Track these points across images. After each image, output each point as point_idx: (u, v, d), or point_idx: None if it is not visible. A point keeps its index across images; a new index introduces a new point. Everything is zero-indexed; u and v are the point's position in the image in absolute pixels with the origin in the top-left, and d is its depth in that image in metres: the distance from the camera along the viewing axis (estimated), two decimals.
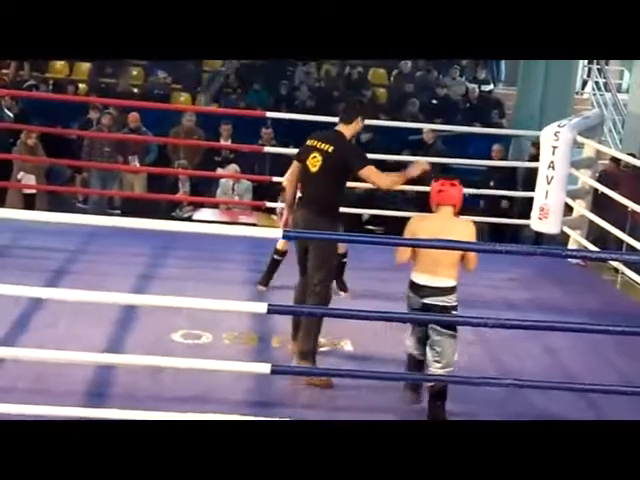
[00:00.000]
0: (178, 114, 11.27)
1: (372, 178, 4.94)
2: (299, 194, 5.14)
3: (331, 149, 4.94)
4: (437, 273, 4.45)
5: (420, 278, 4.48)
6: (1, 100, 11.11)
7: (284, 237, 3.98)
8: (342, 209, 5.16)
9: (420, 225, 4.60)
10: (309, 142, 5.05)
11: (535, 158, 8.47)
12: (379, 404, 4.56)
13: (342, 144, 5.02)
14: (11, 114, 11.15)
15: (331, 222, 4.94)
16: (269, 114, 9.49)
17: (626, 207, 7.16)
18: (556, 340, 5.43)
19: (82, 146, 10.50)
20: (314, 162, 4.96)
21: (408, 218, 4.78)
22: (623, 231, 7.15)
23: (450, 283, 4.47)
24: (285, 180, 5.33)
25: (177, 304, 4.47)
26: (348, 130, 5.08)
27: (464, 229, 4.54)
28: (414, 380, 4.70)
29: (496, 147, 10.42)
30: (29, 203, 9.93)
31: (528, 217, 7.70)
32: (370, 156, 5.20)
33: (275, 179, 7.51)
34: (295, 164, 5.14)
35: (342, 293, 6.15)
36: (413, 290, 4.53)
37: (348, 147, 5.08)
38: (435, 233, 4.35)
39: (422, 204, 9.72)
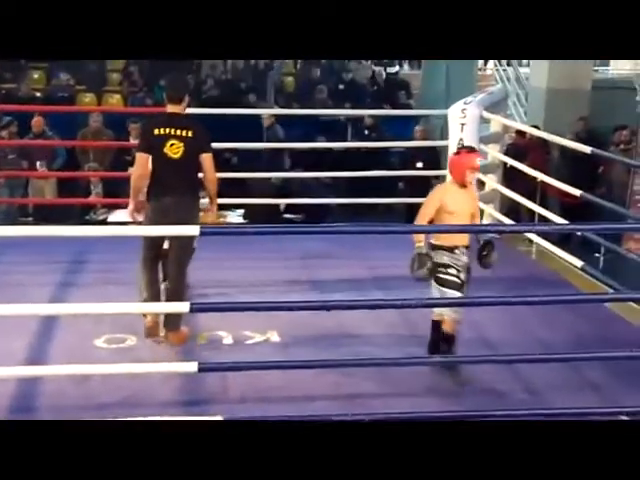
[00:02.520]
0: (85, 116, 11.07)
1: (210, 165, 5.11)
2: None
3: (190, 133, 5.07)
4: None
5: (456, 240, 4.83)
6: None
7: (201, 234, 3.92)
8: (260, 200, 5.21)
9: (447, 194, 4.92)
10: (156, 131, 5.07)
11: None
12: (310, 393, 4.59)
13: (199, 127, 5.15)
14: None
15: (197, 205, 5.19)
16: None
17: (535, 178, 7.32)
18: (477, 312, 5.50)
19: None
20: (174, 149, 5.04)
21: (327, 205, 4.84)
22: (534, 202, 7.29)
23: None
24: (135, 176, 5.19)
25: (98, 310, 4.39)
26: (183, 109, 5.21)
27: (474, 195, 5.23)
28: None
29: (418, 128, 10.29)
30: None
31: None
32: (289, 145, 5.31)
33: None
34: (144, 156, 5.10)
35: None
36: (449, 251, 4.80)
37: (204, 130, 5.18)
38: (463, 201, 4.87)
39: (338, 190, 9.90)
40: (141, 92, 13.41)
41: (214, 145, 5.27)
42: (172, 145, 5.05)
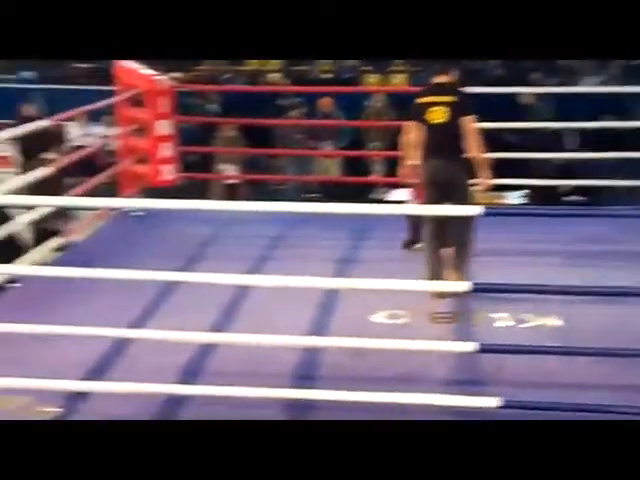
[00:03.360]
0: (369, 96, 11.32)
1: (472, 127, 5.41)
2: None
3: (453, 99, 5.44)
4: None
5: None
6: (205, 95, 11.55)
7: (486, 214, 3.85)
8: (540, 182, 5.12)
9: None
10: (422, 99, 5.51)
11: None
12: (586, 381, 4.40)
13: (461, 94, 5.54)
14: (214, 108, 11.58)
15: (465, 165, 5.49)
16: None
17: None
18: None
19: (277, 135, 10.76)
20: (438, 114, 5.43)
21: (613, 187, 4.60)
22: None
23: None
24: (401, 141, 5.77)
25: (378, 286, 4.46)
26: (449, 79, 5.60)
27: None
28: None
29: None
30: (231, 193, 10.29)
31: None
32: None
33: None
34: (409, 124, 5.58)
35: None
36: None
37: (466, 96, 5.58)
38: None
39: (627, 172, 9.38)
40: (423, 72, 13.48)
41: (494, 125, 5.31)
42: (435, 111, 5.44)
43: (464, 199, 5.34)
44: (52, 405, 4.21)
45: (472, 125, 5.42)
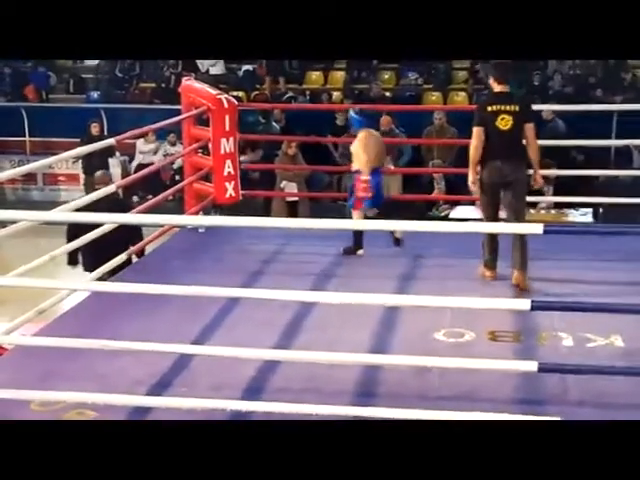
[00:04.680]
0: (430, 113, 11.30)
1: (532, 134, 5.99)
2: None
3: (517, 108, 5.96)
4: None
5: None
6: (269, 113, 11.65)
7: (545, 232, 3.83)
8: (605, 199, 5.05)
9: None
10: (489, 108, 5.97)
11: None
12: None
13: (524, 102, 6.22)
14: (278, 126, 11.68)
15: (525, 166, 6.12)
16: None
17: None
18: None
19: (338, 153, 10.81)
20: (504, 122, 5.92)
21: None
22: None
23: None
24: (472, 147, 6.09)
25: (440, 303, 4.44)
26: (508, 89, 6.13)
27: None
28: None
29: None
30: (292, 210, 10.35)
31: None
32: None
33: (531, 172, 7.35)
34: (479, 129, 6.00)
35: None
36: None
37: (528, 104, 6.26)
38: None
39: None
40: (485, 90, 13.44)
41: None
42: (503, 119, 5.92)
43: (522, 193, 6.10)
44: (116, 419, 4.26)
45: (532, 131, 6.01)
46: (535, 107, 6.56)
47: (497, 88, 6.08)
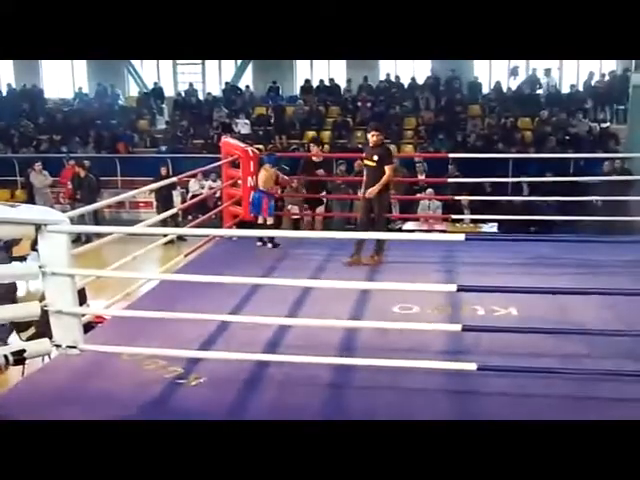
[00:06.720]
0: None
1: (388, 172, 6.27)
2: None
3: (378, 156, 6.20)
4: None
5: None
6: (280, 159, 11.36)
7: (466, 239, 3.82)
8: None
9: None
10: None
11: None
12: (538, 351, 4.28)
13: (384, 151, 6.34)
14: (285, 168, 11.51)
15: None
16: (451, 155, 9.46)
17: None
18: None
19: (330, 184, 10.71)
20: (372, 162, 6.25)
21: (554, 221, 4.50)
22: None
23: None
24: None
25: (393, 287, 4.42)
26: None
27: None
28: None
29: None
30: (295, 224, 10.24)
31: None
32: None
33: (457, 198, 7.36)
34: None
35: None
36: None
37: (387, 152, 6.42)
38: None
39: (562, 210, 9.17)
40: (425, 143, 13.49)
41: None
42: (371, 160, 6.26)
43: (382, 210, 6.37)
44: (178, 366, 4.23)
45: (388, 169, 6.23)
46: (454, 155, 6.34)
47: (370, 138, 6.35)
